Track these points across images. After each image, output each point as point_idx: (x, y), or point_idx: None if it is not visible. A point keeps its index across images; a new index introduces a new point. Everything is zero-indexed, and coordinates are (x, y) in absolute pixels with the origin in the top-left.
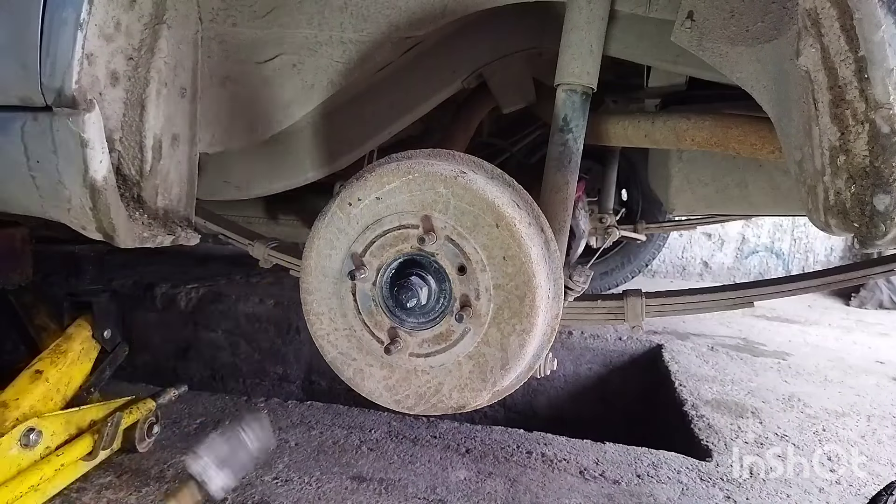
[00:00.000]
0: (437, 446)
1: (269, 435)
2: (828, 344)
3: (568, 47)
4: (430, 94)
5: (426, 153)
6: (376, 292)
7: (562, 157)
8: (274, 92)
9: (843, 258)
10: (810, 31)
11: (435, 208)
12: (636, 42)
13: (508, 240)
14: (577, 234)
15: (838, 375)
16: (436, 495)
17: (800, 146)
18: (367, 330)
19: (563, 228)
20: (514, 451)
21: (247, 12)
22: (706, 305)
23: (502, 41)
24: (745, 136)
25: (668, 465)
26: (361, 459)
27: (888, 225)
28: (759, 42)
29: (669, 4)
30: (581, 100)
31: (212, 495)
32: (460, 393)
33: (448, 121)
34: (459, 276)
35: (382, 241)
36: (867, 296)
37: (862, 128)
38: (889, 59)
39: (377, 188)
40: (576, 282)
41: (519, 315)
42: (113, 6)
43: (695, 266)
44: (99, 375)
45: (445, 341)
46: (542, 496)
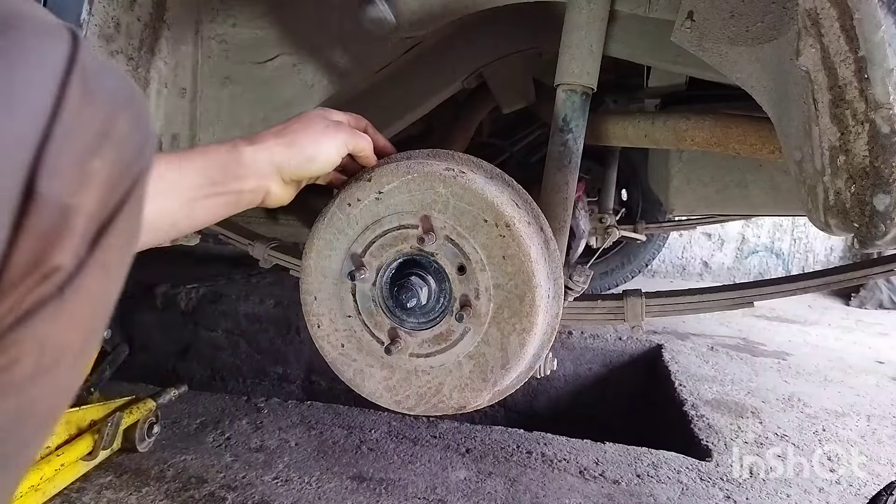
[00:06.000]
0: (437, 446)
1: None
2: (828, 344)
3: (568, 47)
4: (430, 94)
5: (425, 153)
6: (376, 293)
7: (562, 157)
8: (274, 92)
9: (843, 258)
10: (810, 31)
11: (434, 208)
12: (636, 42)
13: (507, 239)
14: (577, 234)
15: (838, 375)
16: (436, 495)
17: (800, 146)
18: (367, 330)
19: (562, 228)
20: (514, 451)
21: (247, 12)
22: (706, 305)
23: (502, 41)
24: (745, 136)
25: (668, 465)
26: (361, 459)
27: (888, 225)
28: (759, 42)
29: (669, 4)
30: (581, 100)
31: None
32: (461, 393)
33: (448, 121)
34: (459, 276)
35: (382, 242)
36: (867, 296)
37: (862, 128)
38: (889, 59)
39: (376, 188)
40: (576, 282)
41: (519, 314)
42: (113, 6)
43: (695, 266)
44: (99, 375)
45: (445, 341)
46: (542, 496)
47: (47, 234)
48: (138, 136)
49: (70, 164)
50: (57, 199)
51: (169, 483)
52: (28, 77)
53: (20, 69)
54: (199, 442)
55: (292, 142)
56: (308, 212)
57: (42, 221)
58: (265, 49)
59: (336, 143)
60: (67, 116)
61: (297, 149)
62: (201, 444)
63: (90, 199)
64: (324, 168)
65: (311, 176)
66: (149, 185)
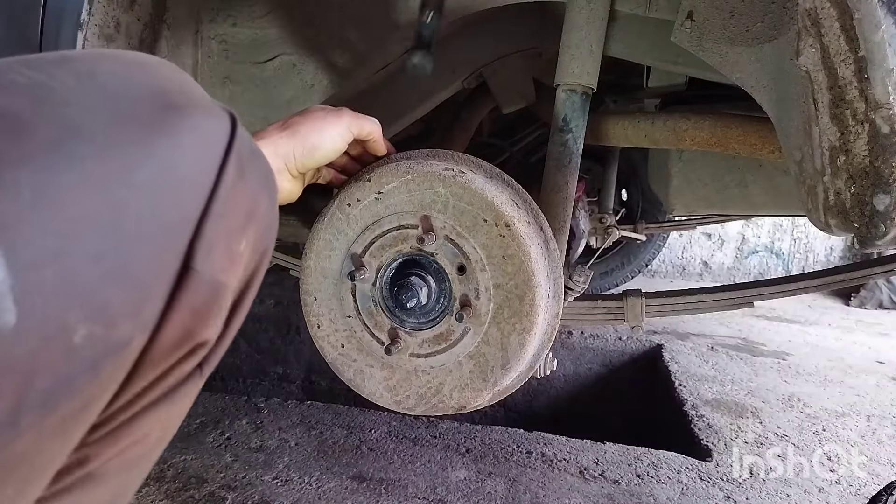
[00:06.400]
0: (437, 446)
1: None
2: (828, 344)
3: (568, 47)
4: (430, 94)
5: (425, 153)
6: (376, 293)
7: (561, 157)
8: (274, 92)
9: (843, 258)
10: (810, 32)
11: (434, 208)
12: (636, 42)
13: (507, 239)
14: (577, 234)
15: (838, 375)
16: (436, 495)
17: (800, 146)
18: (367, 331)
19: (562, 228)
20: (514, 451)
21: (247, 12)
22: (706, 305)
23: (502, 41)
24: (745, 136)
25: (668, 465)
26: (361, 459)
27: (888, 225)
28: (759, 42)
29: (669, 4)
30: (581, 100)
31: None
32: (461, 393)
33: (448, 121)
34: (459, 276)
35: (382, 242)
36: (867, 296)
37: (862, 128)
38: (889, 59)
39: (376, 188)
40: (576, 282)
41: (519, 314)
42: (113, 6)
43: (695, 266)
44: None
45: (446, 341)
46: (542, 496)
47: (199, 310)
48: (272, 215)
49: (223, 242)
50: (210, 277)
51: (169, 483)
52: (193, 156)
53: (187, 149)
54: (198, 442)
55: (295, 132)
56: (308, 212)
57: (196, 297)
58: (265, 49)
59: (339, 128)
60: (223, 196)
61: (301, 138)
62: (201, 444)
63: (236, 277)
64: (329, 155)
65: (317, 165)
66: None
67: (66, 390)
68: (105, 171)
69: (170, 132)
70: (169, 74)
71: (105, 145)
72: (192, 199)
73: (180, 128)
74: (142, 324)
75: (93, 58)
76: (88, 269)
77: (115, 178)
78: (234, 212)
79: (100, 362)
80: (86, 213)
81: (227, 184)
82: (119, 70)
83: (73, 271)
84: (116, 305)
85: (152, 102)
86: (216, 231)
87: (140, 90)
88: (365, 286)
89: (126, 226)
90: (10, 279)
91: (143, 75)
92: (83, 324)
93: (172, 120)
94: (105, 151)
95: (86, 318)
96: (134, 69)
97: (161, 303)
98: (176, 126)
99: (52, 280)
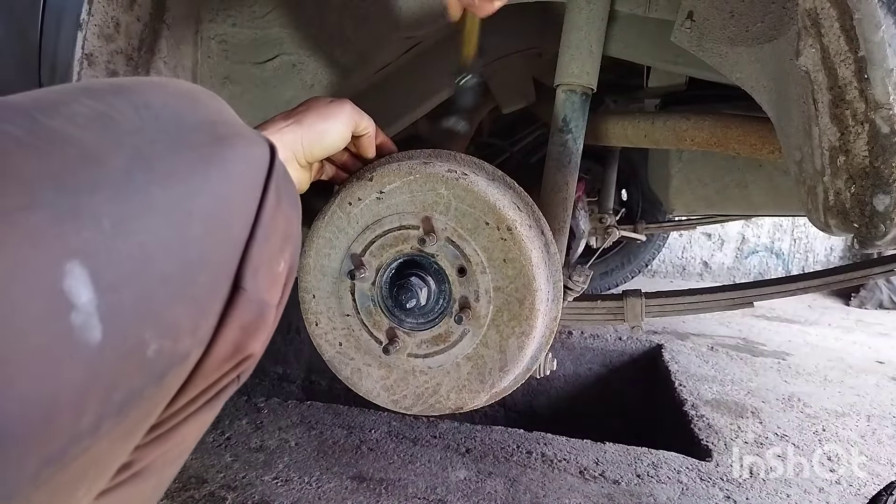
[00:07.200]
0: (437, 446)
1: None
2: (828, 344)
3: (568, 47)
4: (430, 94)
5: (427, 153)
6: (375, 292)
7: (561, 157)
8: (274, 92)
9: (843, 258)
10: (810, 32)
11: (436, 209)
12: (636, 42)
13: (509, 242)
14: (577, 235)
15: (838, 375)
16: (436, 495)
17: (799, 146)
18: (365, 330)
19: (562, 229)
20: (514, 451)
21: (246, 12)
22: (706, 305)
23: (502, 41)
24: (745, 136)
25: (668, 465)
26: (361, 459)
27: (888, 225)
28: (759, 42)
29: (669, 4)
30: (581, 100)
31: None
32: (458, 394)
33: None
34: (459, 278)
35: (382, 242)
36: (867, 296)
37: (862, 128)
38: (889, 60)
39: (378, 188)
40: (575, 282)
41: (518, 318)
42: (113, 6)
43: (695, 266)
44: None
45: (444, 342)
46: (542, 496)
47: (247, 327)
48: (300, 234)
49: (266, 264)
50: (257, 296)
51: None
52: (241, 185)
53: (236, 177)
54: (198, 442)
55: (300, 121)
56: (308, 211)
57: (245, 315)
58: (265, 49)
59: (343, 116)
60: (266, 219)
61: (307, 126)
62: (201, 443)
63: (277, 295)
64: (336, 142)
65: (324, 153)
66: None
67: (137, 399)
68: (168, 199)
69: (220, 162)
70: (213, 105)
71: (167, 174)
72: (240, 224)
73: (229, 158)
74: (199, 339)
75: (144, 87)
76: (159, 290)
77: (178, 205)
78: (275, 235)
79: (165, 374)
80: (155, 239)
81: (269, 210)
82: (169, 101)
83: (148, 292)
84: (181, 322)
85: (203, 133)
86: (261, 254)
87: (191, 121)
88: (364, 285)
89: (188, 250)
90: (96, 299)
91: (191, 106)
92: (155, 339)
93: (222, 150)
94: (166, 180)
95: (157, 335)
96: (181, 100)
97: (215, 320)
98: (225, 156)
99: (130, 300)
